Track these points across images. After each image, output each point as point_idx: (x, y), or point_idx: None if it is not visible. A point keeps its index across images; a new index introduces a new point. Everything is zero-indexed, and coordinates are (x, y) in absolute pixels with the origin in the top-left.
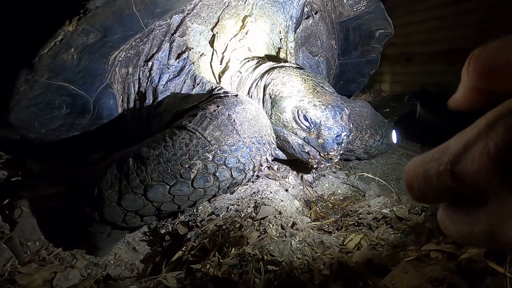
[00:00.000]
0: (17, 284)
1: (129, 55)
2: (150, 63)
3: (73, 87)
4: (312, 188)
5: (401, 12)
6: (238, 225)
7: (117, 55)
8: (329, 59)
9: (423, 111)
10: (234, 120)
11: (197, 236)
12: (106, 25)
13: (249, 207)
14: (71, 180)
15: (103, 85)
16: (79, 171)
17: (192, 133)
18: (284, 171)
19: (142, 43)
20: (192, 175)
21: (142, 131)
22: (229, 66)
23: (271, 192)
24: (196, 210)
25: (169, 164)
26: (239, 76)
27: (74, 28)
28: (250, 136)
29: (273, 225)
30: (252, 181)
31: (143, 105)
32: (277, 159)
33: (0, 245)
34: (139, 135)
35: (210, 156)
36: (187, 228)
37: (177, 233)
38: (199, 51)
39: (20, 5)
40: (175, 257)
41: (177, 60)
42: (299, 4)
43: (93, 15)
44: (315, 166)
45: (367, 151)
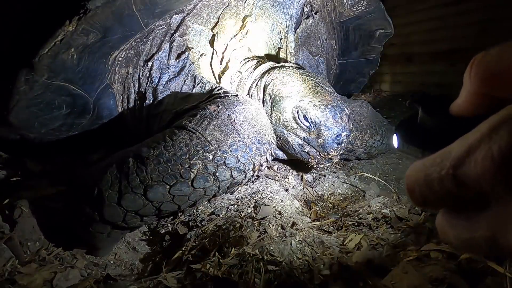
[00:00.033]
0: (17, 284)
1: (129, 55)
2: (150, 63)
3: (73, 87)
4: (312, 188)
5: (401, 12)
6: (238, 225)
7: (117, 55)
8: (329, 59)
9: (424, 116)
10: (234, 120)
11: (197, 236)
12: (106, 25)
13: (249, 207)
14: (71, 180)
15: (103, 85)
16: (79, 171)
17: (192, 133)
18: (284, 171)
19: (142, 43)
20: (192, 175)
21: (142, 131)
22: (229, 66)
23: (271, 192)
24: (196, 210)
25: (169, 164)
26: (239, 76)
27: (74, 28)
28: (250, 136)
29: (273, 225)
30: (252, 181)
31: (143, 105)
32: (277, 159)
33: (0, 245)
34: (139, 135)
35: (210, 156)
36: (187, 228)
37: (177, 233)
38: (199, 51)
39: (20, 5)
40: (175, 257)
41: (177, 60)
42: (299, 4)
43: (93, 15)
44: (315, 166)
45: (367, 151)
